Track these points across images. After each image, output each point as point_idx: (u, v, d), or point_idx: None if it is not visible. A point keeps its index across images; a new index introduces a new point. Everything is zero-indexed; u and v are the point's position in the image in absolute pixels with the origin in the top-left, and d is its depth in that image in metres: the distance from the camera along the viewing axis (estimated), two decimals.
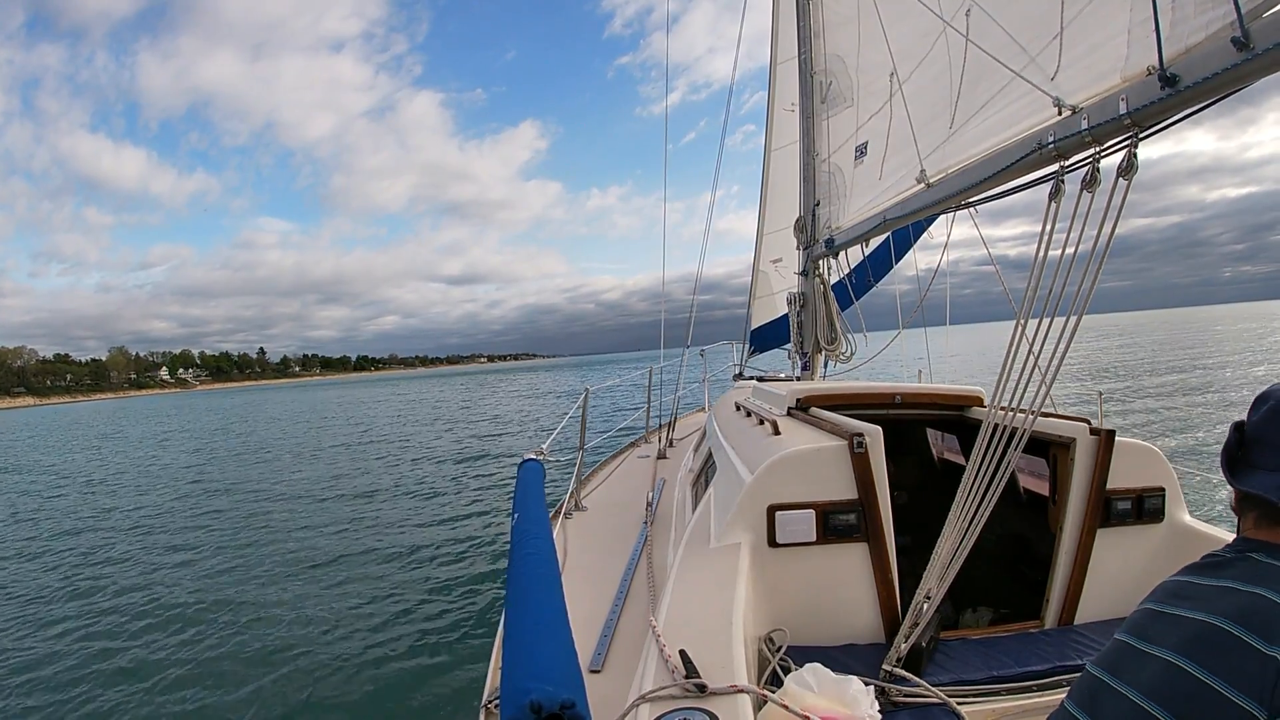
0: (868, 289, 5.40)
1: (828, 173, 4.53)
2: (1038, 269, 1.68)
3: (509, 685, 1.01)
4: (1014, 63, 2.22)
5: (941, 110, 2.91)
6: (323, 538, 9.20)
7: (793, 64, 4.99)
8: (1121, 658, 0.95)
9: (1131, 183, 1.52)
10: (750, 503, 2.07)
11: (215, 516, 11.35)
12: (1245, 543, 0.97)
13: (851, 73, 4.24)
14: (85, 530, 11.11)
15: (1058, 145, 1.83)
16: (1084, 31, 1.95)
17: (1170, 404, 15.40)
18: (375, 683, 4.83)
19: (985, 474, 1.72)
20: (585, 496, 4.25)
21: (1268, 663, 0.80)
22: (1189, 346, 31.12)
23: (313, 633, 5.83)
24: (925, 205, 2.85)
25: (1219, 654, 0.84)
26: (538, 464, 2.41)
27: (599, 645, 2.22)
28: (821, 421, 2.49)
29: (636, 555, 3.02)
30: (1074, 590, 2.14)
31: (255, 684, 4.93)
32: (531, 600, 1.33)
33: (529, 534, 1.66)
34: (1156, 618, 0.96)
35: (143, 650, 5.74)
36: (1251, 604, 0.86)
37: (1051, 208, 1.72)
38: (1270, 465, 0.94)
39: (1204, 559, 1.00)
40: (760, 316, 7.06)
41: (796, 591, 2.02)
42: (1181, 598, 0.94)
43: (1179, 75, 1.44)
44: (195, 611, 6.60)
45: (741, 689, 1.31)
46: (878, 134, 3.80)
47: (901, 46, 3.39)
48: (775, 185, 6.63)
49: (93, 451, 26.08)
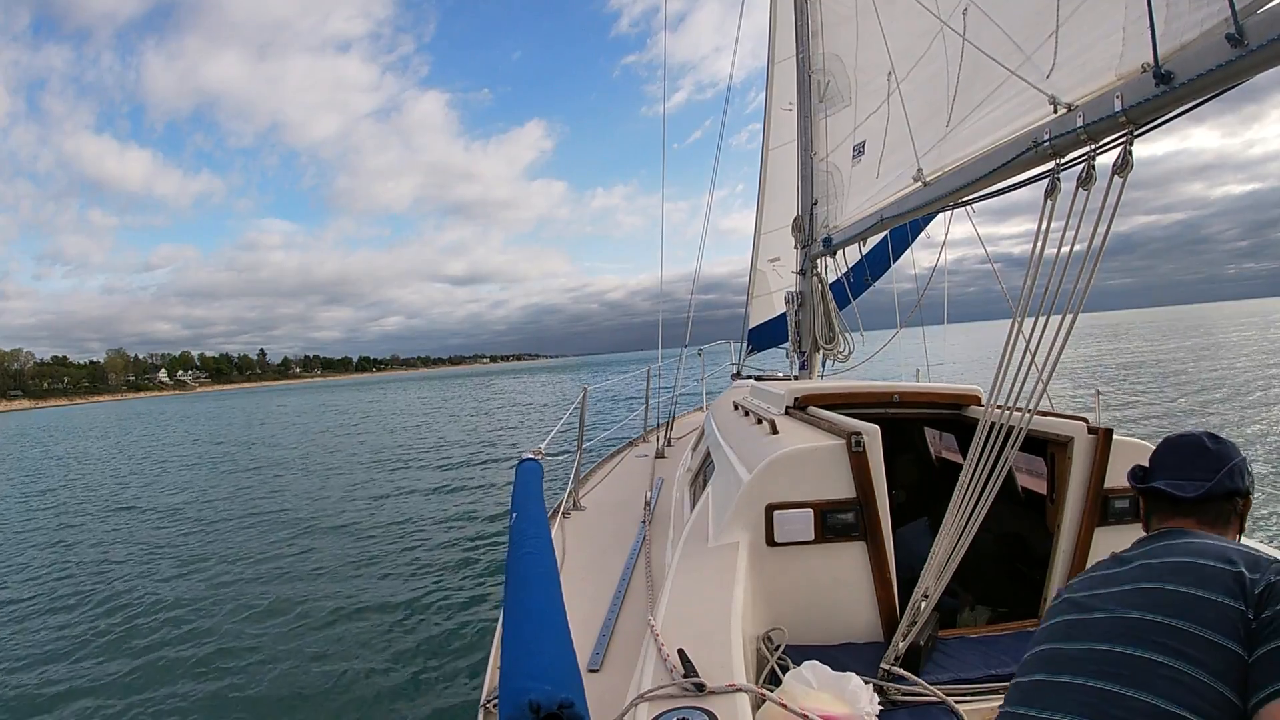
0: (865, 288, 5.40)
1: (825, 172, 4.53)
2: (1034, 267, 1.68)
3: (507, 685, 1.01)
4: (1010, 61, 2.23)
5: (938, 109, 2.91)
6: (320, 539, 9.20)
7: (790, 63, 5.00)
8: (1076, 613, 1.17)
9: (1127, 180, 1.53)
10: (748, 502, 2.07)
11: (204, 521, 11.34)
12: (1154, 531, 1.27)
13: (849, 72, 4.25)
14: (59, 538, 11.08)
15: (1053, 143, 1.83)
16: (1079, 29, 1.95)
17: (1169, 403, 15.44)
18: (374, 683, 4.82)
19: (983, 472, 1.72)
20: (583, 496, 4.25)
21: (1236, 578, 1.03)
22: (1204, 349, 31.01)
23: (311, 633, 5.83)
24: (922, 204, 2.85)
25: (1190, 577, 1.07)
26: (536, 463, 2.40)
27: (597, 645, 2.22)
28: (819, 420, 2.49)
29: (635, 555, 3.02)
30: None
31: (254, 684, 4.93)
32: (530, 600, 1.32)
33: (527, 533, 1.66)
34: (1105, 580, 1.18)
35: (141, 650, 5.73)
36: (1188, 568, 1.09)
37: (1047, 205, 1.73)
38: (1163, 477, 1.31)
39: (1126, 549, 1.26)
40: (758, 315, 7.06)
41: (795, 590, 2.02)
42: (1104, 580, 1.19)
43: (1173, 72, 1.44)
44: (193, 612, 6.59)
45: (740, 688, 1.31)
46: (875, 133, 3.80)
47: (899, 46, 3.39)
48: (773, 184, 6.64)
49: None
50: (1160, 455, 1.36)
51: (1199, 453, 1.30)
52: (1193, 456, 1.30)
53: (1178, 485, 1.26)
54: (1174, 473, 1.30)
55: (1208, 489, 1.23)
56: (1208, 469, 1.27)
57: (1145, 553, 1.18)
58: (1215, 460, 1.27)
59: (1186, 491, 1.24)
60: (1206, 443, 1.31)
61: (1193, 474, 1.27)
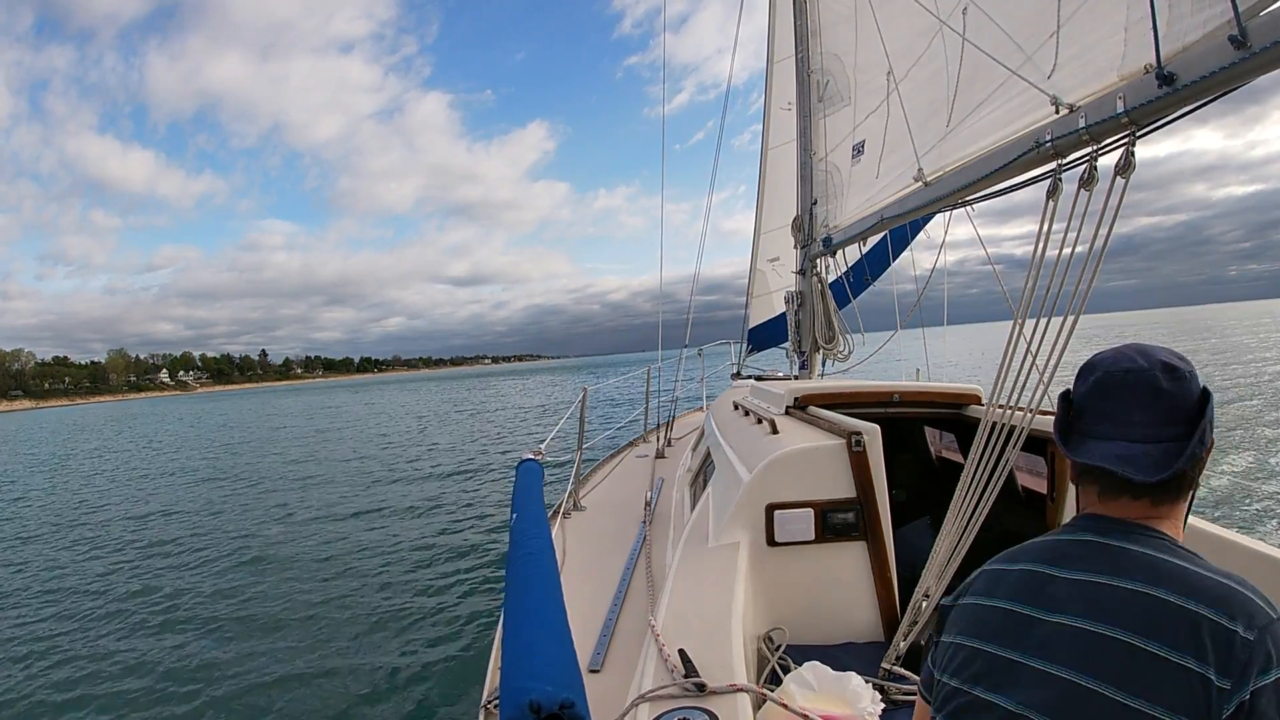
0: (865, 287, 5.40)
1: (825, 171, 4.53)
2: (1035, 267, 1.68)
3: (508, 685, 1.01)
4: (1010, 61, 2.23)
5: (938, 109, 2.91)
6: (319, 540, 9.19)
7: (789, 63, 5.00)
8: (998, 669, 0.88)
9: (1129, 180, 1.52)
10: (749, 502, 2.07)
11: (203, 520, 11.33)
12: (1095, 521, 0.92)
13: (849, 71, 4.25)
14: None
15: (1055, 143, 1.83)
16: (1080, 30, 1.95)
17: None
18: (374, 683, 4.82)
19: (984, 472, 1.72)
20: (584, 496, 4.25)
21: (1202, 683, 0.74)
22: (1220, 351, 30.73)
23: (311, 633, 5.82)
24: (923, 204, 2.85)
25: (1135, 670, 0.78)
26: (536, 464, 2.40)
27: (598, 645, 2.22)
28: (820, 420, 2.48)
29: (635, 555, 3.02)
30: None
31: (254, 685, 4.92)
32: (530, 600, 1.32)
33: (528, 534, 1.66)
34: (1024, 623, 0.88)
35: (140, 651, 5.72)
36: (1151, 610, 0.80)
37: (1049, 206, 1.72)
38: (1103, 434, 0.91)
39: (1050, 540, 0.95)
40: (758, 315, 7.06)
41: (795, 590, 2.02)
42: (1048, 597, 0.88)
43: (1177, 74, 1.44)
44: (191, 613, 6.59)
45: (741, 688, 1.31)
46: (874, 133, 3.80)
47: (898, 45, 3.39)
48: (772, 184, 6.64)
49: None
50: (1093, 393, 0.94)
51: (1153, 396, 0.89)
52: (1144, 402, 0.89)
53: (1128, 457, 0.87)
54: (1116, 424, 0.90)
55: (1176, 468, 0.86)
56: (1168, 423, 0.88)
57: (1094, 566, 0.87)
58: (1178, 411, 0.88)
59: (1143, 472, 0.86)
60: (1162, 380, 0.89)
61: (1145, 431, 0.89)
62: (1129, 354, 0.93)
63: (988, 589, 0.96)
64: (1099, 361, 0.96)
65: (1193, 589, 0.79)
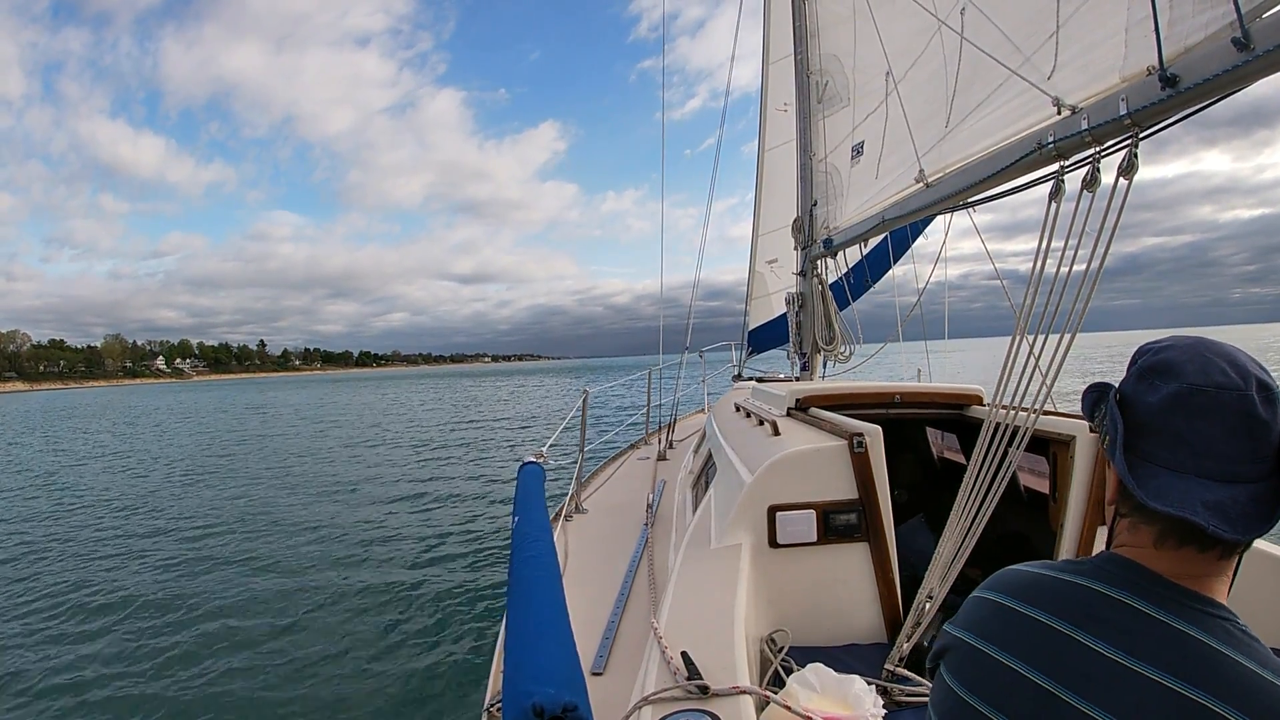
0: (865, 289, 5.41)
1: (824, 173, 4.54)
2: (1039, 266, 1.68)
3: (511, 688, 1.01)
4: (1009, 61, 2.23)
5: (937, 109, 2.91)
6: (319, 541, 9.17)
7: (785, 64, 5.00)
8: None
9: (1132, 182, 1.52)
10: (750, 503, 2.07)
11: (202, 519, 11.31)
12: (1138, 575, 0.72)
13: (848, 72, 4.25)
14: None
15: (1058, 145, 1.83)
16: (1080, 30, 1.95)
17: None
18: (376, 687, 4.81)
19: (986, 473, 1.72)
20: (586, 499, 4.25)
21: None
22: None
23: (312, 636, 5.81)
24: (924, 205, 2.85)
25: None
26: (538, 467, 2.40)
27: (600, 647, 2.21)
28: (821, 421, 2.48)
29: (637, 557, 3.01)
30: None
31: (254, 685, 4.91)
32: (533, 603, 1.32)
33: (530, 536, 1.66)
34: (1045, 701, 0.70)
35: (139, 651, 5.71)
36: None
37: (1052, 208, 1.72)
38: (1178, 466, 0.69)
39: (1071, 583, 0.75)
40: (758, 317, 7.07)
41: (798, 592, 2.02)
42: (1078, 675, 0.69)
43: (1179, 76, 1.43)
44: (190, 613, 6.57)
45: (744, 690, 1.30)
46: (874, 133, 3.80)
47: (896, 45, 3.40)
48: (770, 185, 6.64)
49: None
50: (1170, 409, 0.70)
51: (1248, 426, 0.67)
52: (1236, 433, 0.68)
53: (1216, 505, 0.66)
54: (1195, 455, 0.69)
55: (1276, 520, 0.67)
56: (1257, 459, 0.67)
57: (1130, 639, 0.68)
58: (1268, 445, 0.68)
59: (1237, 527, 0.66)
60: (1259, 406, 0.68)
61: (1230, 468, 0.68)
62: (1217, 363, 0.70)
63: (998, 635, 0.77)
64: (1176, 365, 0.71)
65: (1271, 713, 0.61)
